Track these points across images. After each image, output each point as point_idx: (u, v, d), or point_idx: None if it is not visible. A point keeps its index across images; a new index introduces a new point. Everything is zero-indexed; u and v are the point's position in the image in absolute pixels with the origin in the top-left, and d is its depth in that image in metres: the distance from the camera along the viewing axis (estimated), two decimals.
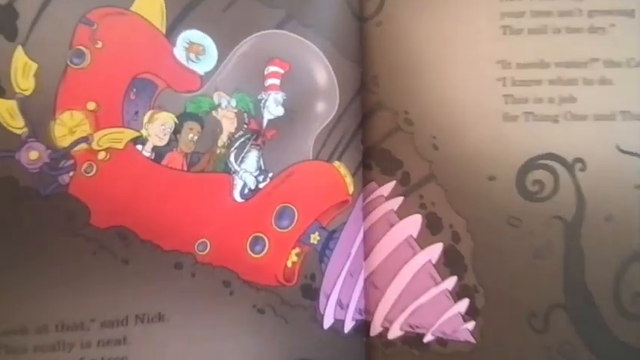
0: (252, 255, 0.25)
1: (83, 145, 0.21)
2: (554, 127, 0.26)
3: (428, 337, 0.27)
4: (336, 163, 0.27)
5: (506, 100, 0.26)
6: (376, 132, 0.28)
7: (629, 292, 0.25)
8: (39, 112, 0.20)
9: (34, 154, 0.20)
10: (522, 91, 0.26)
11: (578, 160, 0.26)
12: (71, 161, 0.21)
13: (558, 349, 0.26)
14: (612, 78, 0.26)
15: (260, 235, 0.25)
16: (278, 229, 0.25)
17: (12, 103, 0.20)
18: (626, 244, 0.25)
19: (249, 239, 0.25)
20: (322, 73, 0.26)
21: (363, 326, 0.28)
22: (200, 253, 0.23)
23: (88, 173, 0.21)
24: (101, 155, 0.21)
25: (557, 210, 0.26)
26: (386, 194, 0.28)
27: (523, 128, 0.26)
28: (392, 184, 0.28)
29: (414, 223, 0.27)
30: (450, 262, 0.27)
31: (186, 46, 0.23)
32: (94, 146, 0.21)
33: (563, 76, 0.26)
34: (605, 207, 0.25)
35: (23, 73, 0.20)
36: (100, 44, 0.21)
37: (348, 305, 0.27)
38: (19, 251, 0.20)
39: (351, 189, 0.27)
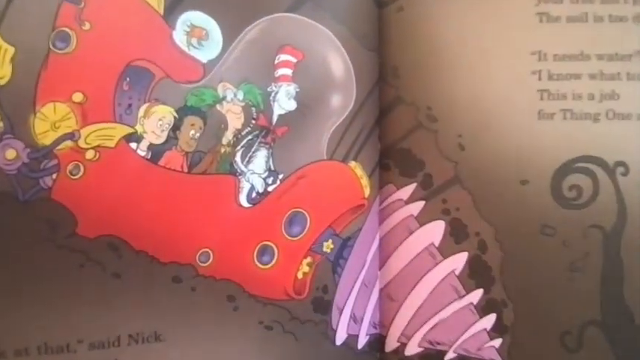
0: (260, 266, 0.22)
1: (68, 143, 0.18)
2: (594, 126, 0.23)
3: (449, 355, 0.25)
4: (352, 164, 0.24)
5: (541, 95, 0.24)
6: (395, 129, 0.25)
7: None
8: (17, 105, 0.18)
9: (11, 153, 0.18)
10: (559, 86, 0.24)
11: (620, 163, 0.23)
12: (54, 161, 0.18)
13: None
14: None
15: (268, 243, 0.22)
16: (288, 237, 0.23)
17: None
18: None
19: (257, 249, 0.22)
20: (338, 62, 0.23)
21: (377, 341, 0.25)
22: (202, 264, 0.21)
23: (74, 175, 0.18)
24: (89, 154, 0.19)
25: (596, 218, 0.23)
26: (405, 198, 0.25)
27: (560, 127, 0.24)
28: (412, 186, 0.25)
29: (436, 230, 0.25)
30: (475, 274, 0.24)
31: (188, 29, 0.20)
32: (81, 144, 0.19)
33: (606, 69, 0.23)
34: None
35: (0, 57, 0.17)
36: (87, 26, 0.18)
37: (362, 319, 0.25)
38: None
39: (367, 192, 0.25)
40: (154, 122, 0.20)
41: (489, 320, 0.24)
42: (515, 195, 0.24)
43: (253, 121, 0.22)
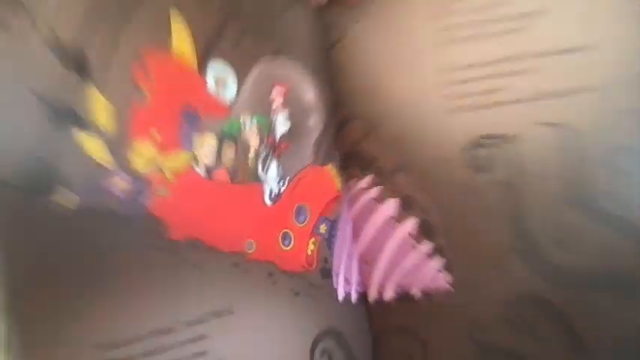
0: (284, 248, 0.29)
1: (154, 170, 0.24)
2: (488, 113, 0.34)
3: (414, 291, 0.34)
4: (329, 166, 0.32)
5: (449, 97, 0.34)
6: (352, 137, 0.34)
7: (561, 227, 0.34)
8: (120, 146, 0.23)
9: (122, 183, 0.23)
10: (463, 87, 0.34)
11: (510, 135, 0.34)
12: (149, 185, 0.24)
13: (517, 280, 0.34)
14: (536, 67, 0.34)
15: (287, 231, 0.30)
16: (298, 224, 0.30)
17: (100, 141, 0.23)
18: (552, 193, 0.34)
19: (280, 235, 0.29)
20: (311, 92, 0.32)
21: (363, 296, 0.34)
22: (249, 251, 0.27)
23: (161, 194, 0.24)
24: (169, 176, 0.25)
25: (500, 176, 0.34)
26: (365, 186, 0.34)
27: (465, 117, 0.34)
28: (369, 177, 0.34)
29: (391, 206, 0.34)
30: (423, 231, 0.34)
31: (215, 78, 0.27)
32: (163, 168, 0.25)
33: (494, 71, 0.34)
34: (531, 165, 0.34)
35: (105, 111, 0.23)
36: (153, 81, 0.25)
37: (351, 280, 0.33)
38: (114, 268, 0.23)
39: (339, 186, 0.33)
40: (206, 149, 0.26)
41: (438, 261, 0.34)
42: (442, 170, 0.34)
43: (265, 141, 0.29)
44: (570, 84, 0.34)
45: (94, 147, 0.22)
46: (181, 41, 0.26)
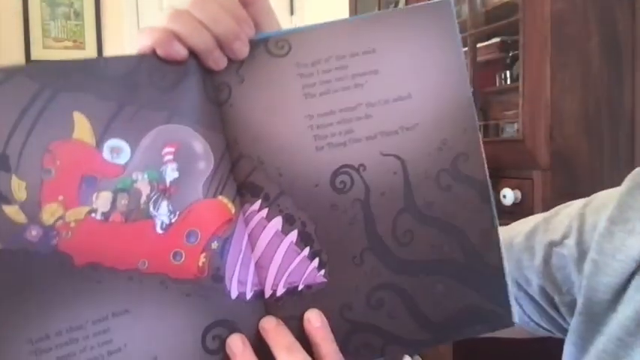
0: (175, 263, 0.41)
1: (60, 222, 0.37)
2: (345, 149, 0.43)
3: (300, 287, 0.44)
4: (220, 197, 0.43)
5: (315, 138, 0.43)
6: (243, 172, 0.44)
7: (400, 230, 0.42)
8: (32, 208, 0.36)
9: (34, 232, 0.36)
10: (323, 131, 0.43)
11: (361, 164, 0.42)
12: (55, 232, 0.37)
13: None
14: (372, 114, 0.42)
15: (178, 250, 0.41)
16: (189, 244, 0.41)
17: (16, 207, 0.36)
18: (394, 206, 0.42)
19: (171, 253, 0.41)
20: (198, 145, 0.42)
21: (260, 293, 0.44)
22: (142, 268, 0.39)
23: (66, 237, 0.37)
24: (72, 224, 0.37)
25: (356, 195, 0.43)
26: (257, 209, 0.44)
27: (329, 152, 0.43)
28: (259, 202, 0.44)
29: (277, 223, 0.44)
30: (303, 240, 0.43)
31: (110, 150, 0.39)
32: (67, 220, 0.37)
33: (345, 117, 0.43)
34: (377, 186, 0.42)
35: (18, 188, 0.36)
36: (58, 162, 0.37)
37: (246, 282, 0.43)
38: (33, 288, 0.36)
39: (233, 210, 0.43)
40: (102, 201, 0.39)
41: (315, 262, 0.43)
42: (314, 193, 0.43)
43: (155, 188, 0.41)
44: (398, 124, 0.42)
45: (12, 211, 0.36)
46: (81, 130, 0.38)
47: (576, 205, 0.54)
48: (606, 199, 0.51)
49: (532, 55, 1.58)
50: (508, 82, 1.85)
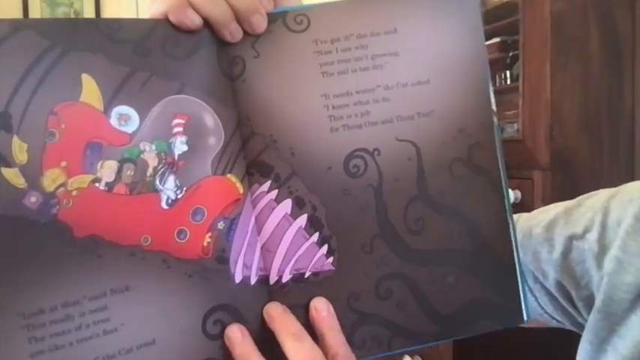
0: (179, 241, 0.39)
1: (61, 189, 0.35)
2: (360, 131, 0.41)
3: (307, 274, 0.42)
4: (228, 175, 0.41)
5: (330, 119, 0.41)
6: (254, 150, 0.42)
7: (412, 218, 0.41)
8: (33, 173, 0.34)
9: (33, 199, 0.34)
10: (339, 112, 0.41)
11: (376, 149, 0.41)
12: (56, 199, 0.34)
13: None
14: (389, 97, 0.41)
15: (183, 228, 0.39)
16: (194, 223, 0.39)
17: (16, 170, 0.33)
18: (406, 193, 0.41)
19: (175, 231, 0.39)
20: (209, 118, 0.40)
21: (265, 280, 0.42)
22: (145, 244, 0.37)
23: (67, 205, 0.35)
24: (74, 193, 0.35)
25: (368, 180, 0.41)
26: (266, 190, 0.42)
27: (343, 135, 0.41)
28: (268, 182, 0.42)
29: (286, 205, 0.42)
30: (313, 224, 0.42)
31: (118, 117, 0.37)
32: (69, 188, 0.35)
33: (362, 99, 0.41)
34: (391, 172, 0.41)
35: (19, 150, 0.34)
36: (63, 126, 0.35)
37: (251, 266, 0.41)
38: (29, 258, 0.34)
39: (241, 190, 0.41)
40: (107, 170, 0.36)
41: (324, 249, 0.41)
42: (326, 176, 0.41)
43: (164, 161, 0.38)
44: (415, 110, 0.40)
45: (11, 174, 0.33)
46: (89, 94, 0.36)
47: (601, 196, 0.53)
48: (634, 193, 0.50)
49: (532, 55, 1.58)
50: (508, 82, 1.84)
